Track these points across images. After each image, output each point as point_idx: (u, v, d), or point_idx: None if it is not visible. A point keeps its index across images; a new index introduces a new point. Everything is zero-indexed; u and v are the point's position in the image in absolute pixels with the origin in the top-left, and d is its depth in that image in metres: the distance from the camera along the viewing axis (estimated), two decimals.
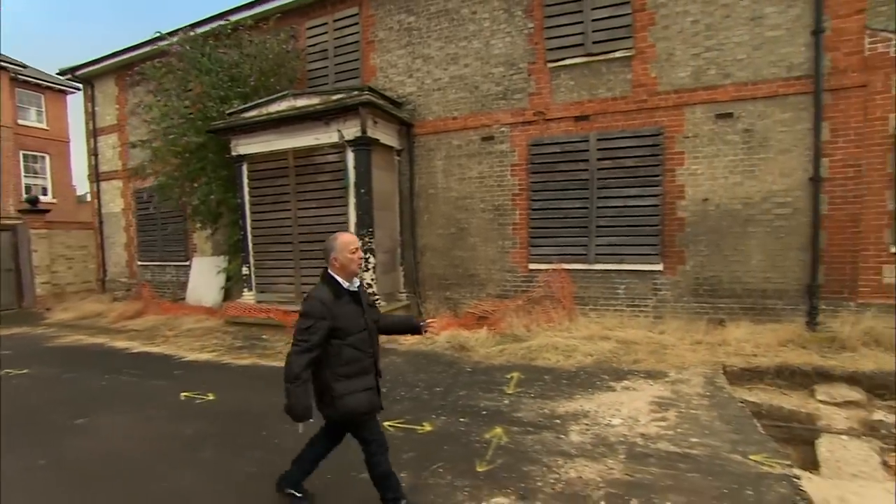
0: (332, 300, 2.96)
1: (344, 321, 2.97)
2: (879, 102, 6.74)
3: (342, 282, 3.06)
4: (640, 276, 7.98)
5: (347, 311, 3.01)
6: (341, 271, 3.06)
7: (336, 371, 2.97)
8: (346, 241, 3.08)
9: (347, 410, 2.99)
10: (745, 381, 6.14)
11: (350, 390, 2.98)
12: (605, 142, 8.01)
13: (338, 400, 2.97)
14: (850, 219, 6.94)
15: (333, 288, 3.02)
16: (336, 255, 3.04)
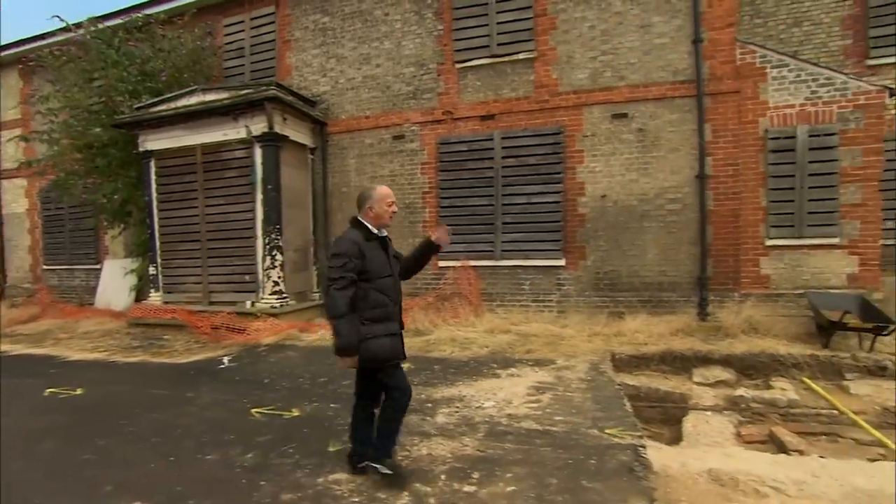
0: (363, 241, 3.07)
1: (372, 264, 3.05)
2: (751, 107, 7.22)
3: (372, 228, 3.16)
4: (545, 271, 8.13)
5: (376, 254, 3.10)
6: (374, 220, 3.18)
7: (363, 314, 3.01)
8: (384, 193, 3.21)
9: (370, 355, 3.02)
10: (633, 367, 6.32)
11: (374, 334, 3.02)
12: (510, 140, 8.21)
13: (361, 343, 2.99)
14: (732, 214, 7.35)
15: (364, 231, 3.13)
16: (372, 205, 3.16)
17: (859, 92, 6.89)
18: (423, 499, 3.15)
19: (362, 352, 3.01)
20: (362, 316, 3.02)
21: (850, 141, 6.91)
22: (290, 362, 6.65)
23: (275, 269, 8.51)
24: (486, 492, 3.21)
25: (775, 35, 9.25)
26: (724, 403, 5.31)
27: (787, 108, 7.12)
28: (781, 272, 7.23)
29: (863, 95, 6.87)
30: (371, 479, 3.31)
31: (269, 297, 8.51)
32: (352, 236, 3.08)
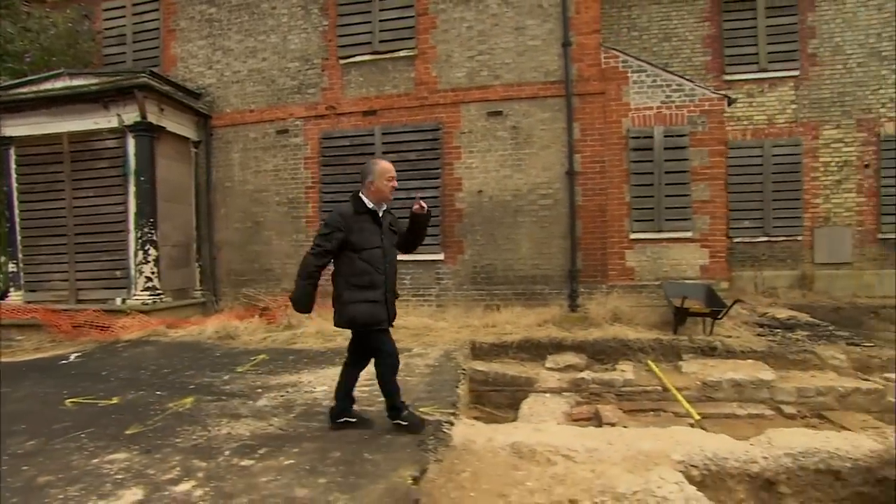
0: (350, 215, 3.21)
1: (358, 236, 3.19)
2: (615, 108, 7.62)
3: (367, 202, 3.26)
4: (425, 266, 8.16)
5: (364, 227, 3.22)
6: (374, 194, 3.26)
7: (348, 280, 3.21)
8: (385, 168, 3.28)
9: (348, 318, 3.23)
10: (493, 355, 6.40)
11: (354, 299, 3.19)
12: (390, 136, 8.25)
13: (342, 307, 3.23)
14: (599, 209, 7.67)
15: (356, 205, 3.25)
16: (373, 180, 3.24)
17: (704, 98, 7.43)
18: (193, 472, 3.02)
19: (341, 314, 3.24)
20: (348, 281, 3.21)
21: (698, 142, 7.41)
22: (143, 357, 6.30)
23: (148, 265, 8.07)
24: (261, 465, 3.12)
25: (649, 48, 9.87)
26: (566, 386, 5.45)
27: (646, 109, 7.56)
28: (644, 264, 7.59)
29: (707, 102, 7.41)
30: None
31: (141, 293, 8.05)
32: (341, 209, 3.26)
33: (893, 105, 9.37)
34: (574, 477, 3.22)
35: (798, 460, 3.59)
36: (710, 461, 3.52)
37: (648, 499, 2.97)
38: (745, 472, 3.55)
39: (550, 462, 3.51)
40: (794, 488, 3.60)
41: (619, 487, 3.04)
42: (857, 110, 9.44)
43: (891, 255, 9.46)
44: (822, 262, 9.57)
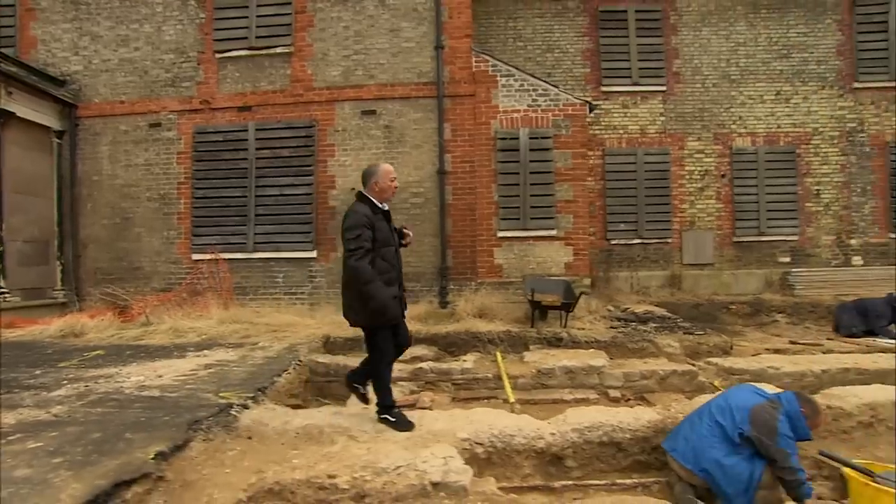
0: (371, 214, 3.33)
1: (379, 234, 3.34)
2: (484, 110, 7.88)
3: (377, 202, 3.41)
4: (297, 263, 8.04)
5: (381, 226, 3.38)
6: (379, 194, 3.43)
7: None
8: (387, 170, 3.47)
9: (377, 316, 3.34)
10: (347, 349, 6.33)
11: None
12: (264, 132, 8.13)
13: (367, 304, 3.29)
14: (469, 208, 7.86)
15: (370, 205, 3.39)
16: (377, 180, 3.42)
17: (568, 104, 7.84)
18: None
19: (366, 311, 3.33)
20: None
21: (562, 145, 7.79)
22: None
23: None
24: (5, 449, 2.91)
25: (533, 58, 10.31)
26: (407, 375, 5.49)
27: (514, 112, 7.87)
28: (512, 261, 7.84)
29: (570, 107, 7.82)
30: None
31: None
32: (361, 210, 3.34)
33: (742, 122, 10.27)
34: (346, 455, 3.23)
35: (584, 435, 3.78)
36: (495, 438, 3.63)
37: (409, 472, 3.02)
38: (532, 447, 3.69)
39: (332, 442, 3.52)
40: (579, 461, 3.78)
41: (382, 463, 3.08)
42: (713, 125, 10.27)
43: (744, 256, 10.29)
44: (689, 262, 10.25)
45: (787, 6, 10.35)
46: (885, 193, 10.28)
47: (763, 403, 3.23)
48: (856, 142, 10.32)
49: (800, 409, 3.18)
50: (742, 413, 3.16)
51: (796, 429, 3.12)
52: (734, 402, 3.28)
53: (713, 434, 3.20)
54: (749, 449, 3.07)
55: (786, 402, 3.23)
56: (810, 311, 9.45)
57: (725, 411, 3.25)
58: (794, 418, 3.14)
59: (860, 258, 10.39)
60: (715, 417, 3.27)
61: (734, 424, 3.14)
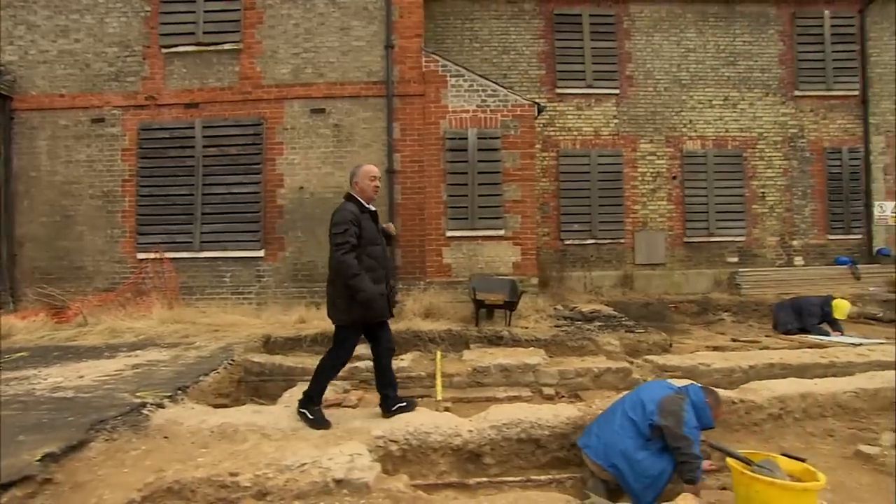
0: (358, 213, 3.45)
1: (365, 232, 3.44)
2: (433, 110, 7.91)
3: (362, 202, 3.54)
4: (245, 263, 7.94)
5: (368, 225, 3.48)
6: (360, 193, 3.57)
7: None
8: (366, 171, 3.61)
9: (359, 315, 3.46)
10: (287, 348, 6.34)
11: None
12: (212, 129, 8.00)
13: (354, 304, 3.38)
14: (418, 207, 7.88)
15: (357, 204, 3.51)
16: (357, 181, 3.57)
17: (516, 105, 7.92)
18: None
19: (356, 311, 3.43)
20: None
21: (510, 145, 7.87)
22: None
23: None
24: None
25: (490, 59, 10.39)
26: (342, 374, 5.46)
27: (463, 112, 7.91)
28: (460, 261, 7.88)
29: (519, 108, 7.91)
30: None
31: None
32: (349, 208, 3.46)
33: (692, 126, 10.55)
34: (254, 453, 3.21)
35: (502, 431, 3.81)
36: (411, 436, 3.65)
37: (313, 469, 3.02)
38: (448, 445, 3.71)
39: (244, 440, 3.49)
40: (497, 458, 3.81)
41: (288, 460, 3.07)
42: (665, 128, 10.53)
43: (695, 256, 10.57)
44: (641, 262, 10.47)
45: (733, 16, 10.68)
46: (823, 197, 10.70)
47: (672, 395, 3.34)
48: (797, 147, 10.71)
49: (705, 399, 3.31)
50: (652, 405, 3.26)
51: (701, 418, 3.23)
52: (645, 396, 3.37)
53: (624, 429, 3.28)
54: (659, 443, 3.16)
55: (692, 393, 3.35)
56: (754, 310, 9.76)
57: (637, 405, 3.34)
58: (699, 408, 3.25)
59: (801, 258, 10.78)
60: (627, 413, 3.35)
61: (645, 416, 3.23)
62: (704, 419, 3.26)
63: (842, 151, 10.66)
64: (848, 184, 10.68)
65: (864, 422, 4.41)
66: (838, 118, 10.68)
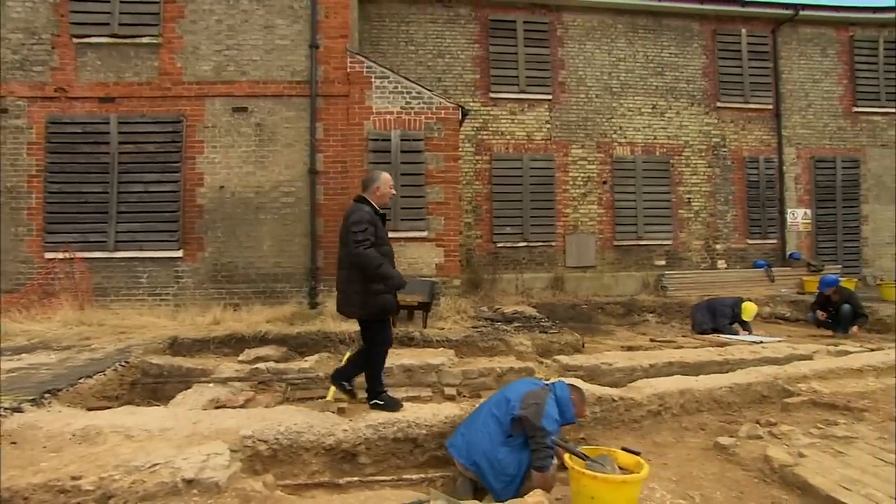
0: (373, 215, 3.61)
1: (379, 232, 3.62)
2: (358, 111, 7.91)
3: (376, 206, 3.69)
4: (162, 263, 7.72)
5: (380, 227, 3.66)
6: (379, 199, 3.72)
7: None
8: (387, 179, 3.77)
9: (380, 307, 3.64)
10: (195, 350, 6.20)
11: (382, 291, 3.59)
12: (128, 125, 7.75)
13: (371, 298, 3.57)
14: (341, 208, 7.79)
15: (372, 207, 3.66)
16: (378, 186, 3.71)
17: (441, 107, 8.01)
18: None
19: (372, 305, 3.60)
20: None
21: (434, 147, 7.94)
22: None
23: None
24: None
25: (425, 62, 10.47)
26: (244, 375, 5.40)
27: (387, 113, 7.94)
28: None
29: (443, 110, 8.00)
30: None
31: None
32: (366, 209, 3.61)
33: (622, 132, 10.91)
34: (107, 455, 3.12)
35: (378, 431, 3.82)
36: (281, 436, 3.62)
37: (164, 470, 2.96)
38: (321, 444, 3.71)
39: (104, 442, 3.39)
40: (373, 457, 3.82)
41: (138, 461, 3.00)
42: (596, 134, 10.85)
43: (624, 259, 10.92)
44: (572, 265, 10.74)
45: (661, 28, 11.10)
46: (743, 203, 11.24)
47: (536, 389, 3.43)
48: (719, 155, 11.22)
49: (569, 396, 3.41)
50: (516, 400, 3.33)
51: (564, 413, 3.33)
52: (511, 393, 3.45)
53: (487, 427, 3.35)
54: (519, 439, 3.23)
55: (558, 389, 3.45)
56: (677, 311, 10.14)
57: (501, 402, 3.42)
58: (562, 403, 3.35)
59: (724, 262, 11.29)
60: (492, 410, 3.42)
61: (508, 411, 3.28)
62: (567, 414, 3.36)
63: (759, 161, 11.24)
64: (764, 191, 11.27)
65: (735, 415, 4.64)
66: (755, 129, 11.26)
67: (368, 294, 3.58)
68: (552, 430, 3.18)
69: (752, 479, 3.40)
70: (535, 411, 3.20)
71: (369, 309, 3.65)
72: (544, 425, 3.15)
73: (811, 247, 11.47)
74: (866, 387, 4.94)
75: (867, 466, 3.26)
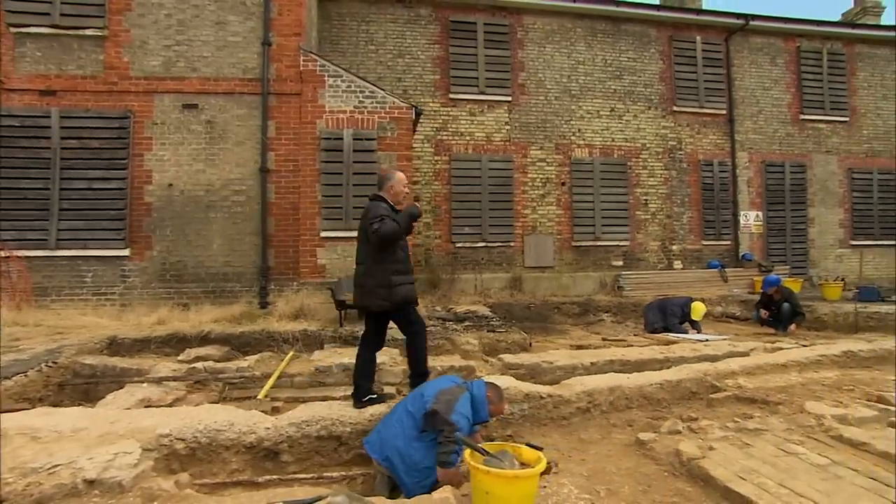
0: (391, 211, 3.78)
1: None
2: (310, 109, 7.87)
3: (391, 204, 3.86)
4: (108, 262, 7.57)
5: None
6: (393, 197, 3.88)
7: (392, 267, 3.74)
8: (402, 178, 3.95)
9: (400, 297, 3.76)
10: (134, 350, 6.10)
11: (402, 282, 3.78)
12: (72, 120, 7.57)
13: (393, 289, 3.72)
14: (292, 207, 7.81)
15: (388, 204, 3.84)
16: (393, 184, 3.88)
17: (394, 107, 8.02)
18: None
19: (394, 296, 3.73)
20: (393, 269, 3.74)
21: (387, 146, 7.95)
22: None
23: None
24: None
25: (385, 62, 10.47)
26: (181, 375, 5.33)
27: (340, 112, 7.92)
28: (335, 261, 7.86)
29: (397, 110, 8.01)
30: None
31: None
32: (382, 205, 3.81)
33: (581, 134, 11.08)
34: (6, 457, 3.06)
35: (301, 429, 3.81)
36: (200, 434, 3.58)
37: (64, 471, 2.91)
38: (242, 442, 3.69)
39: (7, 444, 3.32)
40: (296, 455, 3.80)
41: (37, 462, 2.95)
42: (555, 136, 11.00)
43: (582, 259, 11.09)
44: (530, 265, 10.86)
45: (619, 33, 11.31)
46: (698, 205, 11.52)
47: (452, 387, 3.46)
48: (676, 158, 11.48)
49: (485, 394, 3.44)
50: (431, 396, 3.35)
51: (478, 411, 3.36)
52: (427, 390, 3.48)
53: (401, 423, 3.37)
54: (433, 435, 3.25)
55: (475, 387, 3.48)
56: (633, 311, 10.33)
57: (417, 398, 3.44)
58: (477, 401, 3.38)
59: (680, 262, 11.55)
60: (407, 407, 3.45)
61: (422, 406, 3.31)
62: (481, 413, 3.39)
63: (713, 164, 11.54)
64: (719, 194, 11.57)
65: (664, 411, 4.75)
66: (710, 133, 11.56)
67: (390, 286, 3.77)
68: (463, 426, 3.20)
69: (663, 473, 3.49)
70: (446, 406, 3.23)
71: (393, 299, 3.80)
72: (454, 420, 3.17)
73: (763, 248, 11.82)
74: (788, 381, 5.14)
75: (767, 457, 3.39)
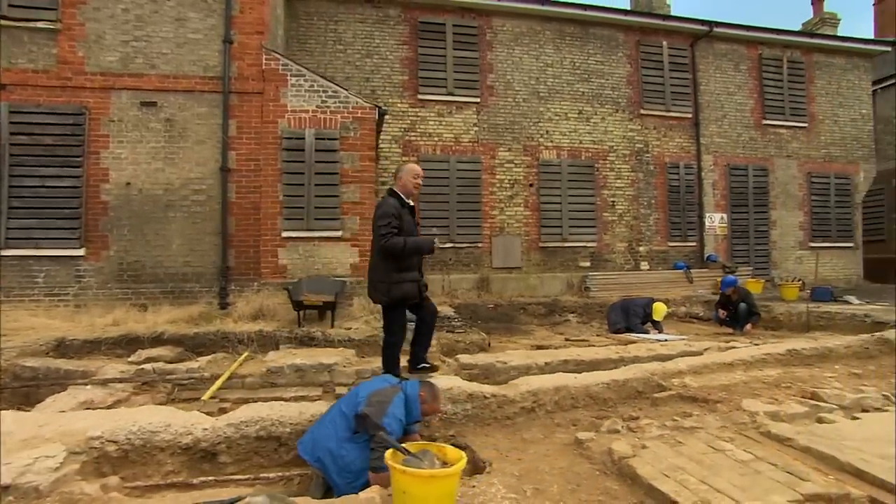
0: (399, 207, 3.96)
1: (404, 224, 3.94)
2: (272, 108, 7.82)
3: (403, 197, 4.03)
4: (62, 262, 7.42)
5: (406, 219, 3.99)
6: (402, 189, 4.03)
7: (395, 265, 3.89)
8: (411, 169, 4.11)
9: (400, 294, 3.93)
10: (83, 351, 6.01)
11: (403, 280, 3.92)
12: (22, 115, 7.39)
13: (393, 286, 3.90)
14: (253, 207, 7.75)
15: (398, 199, 4.00)
16: (402, 176, 4.06)
17: (357, 107, 8.01)
18: None
19: (393, 292, 3.89)
20: (397, 266, 3.84)
21: (349, 147, 7.94)
22: None
23: None
24: None
25: (353, 62, 10.44)
26: (129, 376, 5.25)
27: (302, 112, 7.88)
28: (297, 262, 7.83)
29: (360, 110, 8.00)
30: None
31: None
32: (391, 202, 3.92)
33: (548, 136, 11.19)
34: None
35: (240, 429, 3.77)
36: (134, 436, 3.54)
37: None
38: (178, 444, 3.65)
39: None
40: (234, 456, 3.77)
41: None
42: (523, 137, 11.08)
43: (550, 260, 11.19)
44: (498, 266, 10.92)
45: (587, 36, 11.45)
46: (665, 207, 11.71)
47: (386, 387, 3.46)
48: (643, 161, 11.65)
49: (419, 393, 3.44)
50: (363, 397, 3.35)
51: (410, 411, 3.36)
52: (362, 391, 3.47)
53: (334, 424, 3.36)
54: (365, 436, 3.25)
55: (409, 387, 3.47)
56: (598, 311, 10.44)
57: (352, 398, 3.43)
58: (410, 401, 3.38)
59: (647, 263, 11.72)
60: (340, 408, 3.44)
61: (355, 407, 3.30)
62: (413, 413, 3.40)
63: (679, 167, 11.74)
64: (684, 196, 11.78)
65: (609, 411, 4.80)
66: (676, 136, 11.76)
67: (392, 283, 3.91)
68: (395, 429, 3.20)
69: (595, 472, 3.53)
70: (377, 410, 3.22)
71: (392, 296, 3.95)
72: (385, 423, 3.16)
73: (727, 249, 12.06)
74: (732, 380, 5.24)
75: (695, 454, 3.46)
